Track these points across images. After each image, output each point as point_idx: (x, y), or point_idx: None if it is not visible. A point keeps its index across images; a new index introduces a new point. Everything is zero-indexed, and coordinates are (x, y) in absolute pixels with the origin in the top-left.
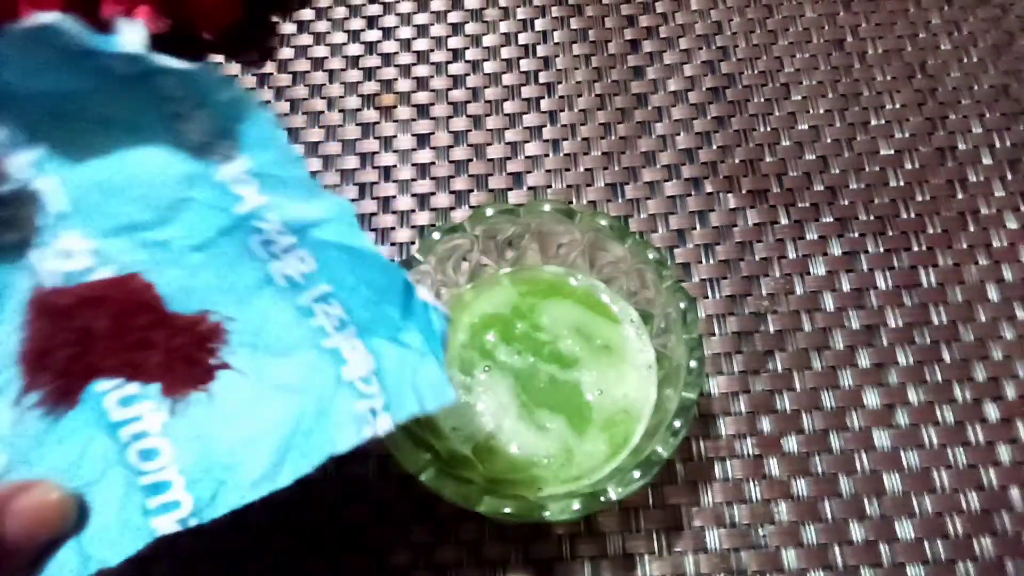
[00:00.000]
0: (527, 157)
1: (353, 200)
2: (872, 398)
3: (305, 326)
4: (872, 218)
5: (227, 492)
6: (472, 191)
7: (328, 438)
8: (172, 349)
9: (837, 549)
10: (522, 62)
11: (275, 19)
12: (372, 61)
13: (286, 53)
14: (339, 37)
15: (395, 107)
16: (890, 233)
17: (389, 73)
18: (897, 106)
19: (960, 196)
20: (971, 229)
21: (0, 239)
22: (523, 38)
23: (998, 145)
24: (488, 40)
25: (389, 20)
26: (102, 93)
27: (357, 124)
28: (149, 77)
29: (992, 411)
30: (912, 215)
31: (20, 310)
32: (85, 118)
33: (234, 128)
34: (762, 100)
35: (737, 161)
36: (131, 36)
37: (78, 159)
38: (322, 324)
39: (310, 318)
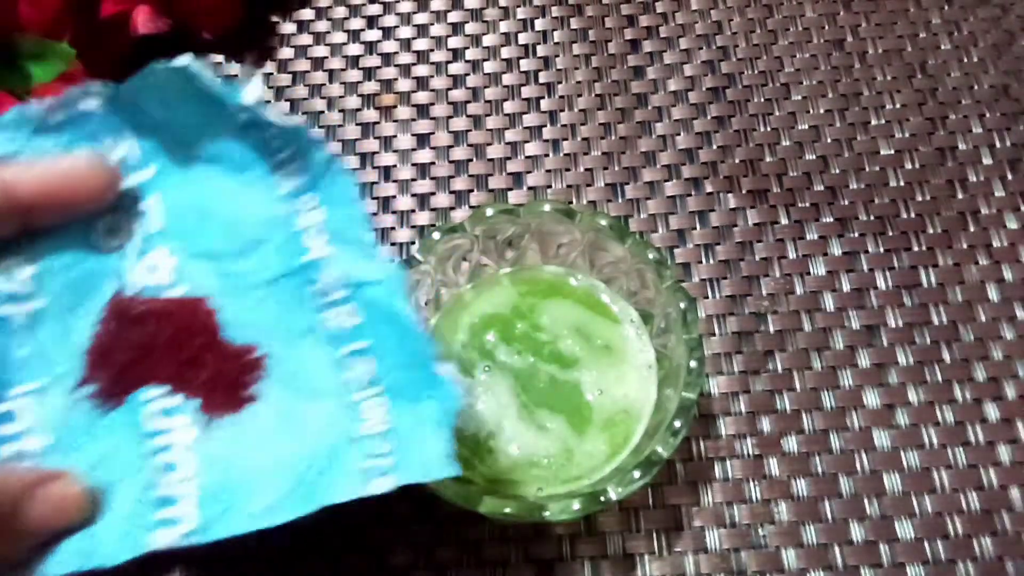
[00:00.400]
0: (527, 157)
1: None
2: (872, 398)
3: (337, 378)
4: (872, 218)
5: (230, 517)
6: (472, 191)
7: (331, 487)
8: (219, 372)
9: (837, 549)
10: (522, 62)
11: (275, 19)
12: (372, 61)
13: (286, 53)
14: (339, 37)
15: (395, 107)
16: (890, 233)
17: (389, 73)
18: (897, 106)
19: (960, 196)
20: (971, 229)
21: (101, 243)
22: (523, 38)
23: (998, 145)
24: (488, 40)
25: (389, 20)
26: (219, 133)
27: (357, 124)
28: (260, 127)
29: (992, 411)
30: (912, 215)
31: (99, 310)
32: (199, 150)
33: (320, 184)
34: (762, 100)
35: (737, 161)
36: (253, 91)
37: (182, 185)
38: (353, 378)
39: (344, 371)
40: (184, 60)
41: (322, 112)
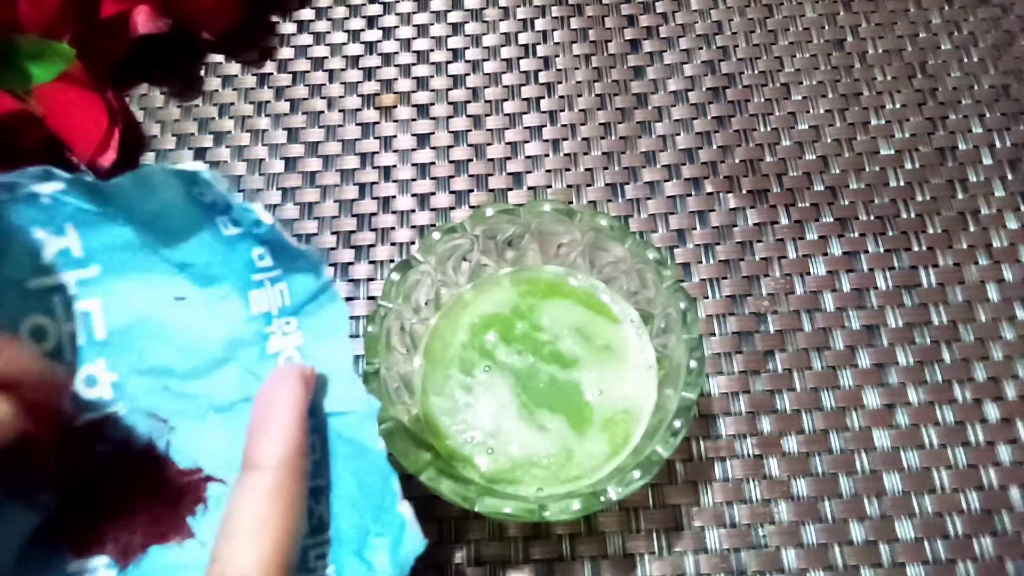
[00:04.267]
0: (527, 157)
1: (353, 200)
2: (872, 398)
3: None
4: (872, 218)
5: None
6: (472, 191)
7: None
8: (153, 502)
9: (837, 549)
10: (522, 62)
11: (275, 19)
12: (372, 61)
13: (286, 53)
14: (339, 37)
15: (395, 107)
16: (890, 233)
17: (389, 73)
18: (897, 106)
19: (960, 196)
20: (971, 229)
21: (43, 345)
22: (523, 38)
23: (998, 145)
24: (488, 40)
25: (389, 20)
26: (199, 242)
27: (357, 124)
28: (251, 242)
29: (992, 411)
30: (912, 215)
31: None
32: (165, 256)
33: (304, 309)
34: (762, 100)
35: (737, 161)
36: (266, 214)
37: (131, 292)
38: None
39: None
40: (196, 166)
41: (322, 112)
